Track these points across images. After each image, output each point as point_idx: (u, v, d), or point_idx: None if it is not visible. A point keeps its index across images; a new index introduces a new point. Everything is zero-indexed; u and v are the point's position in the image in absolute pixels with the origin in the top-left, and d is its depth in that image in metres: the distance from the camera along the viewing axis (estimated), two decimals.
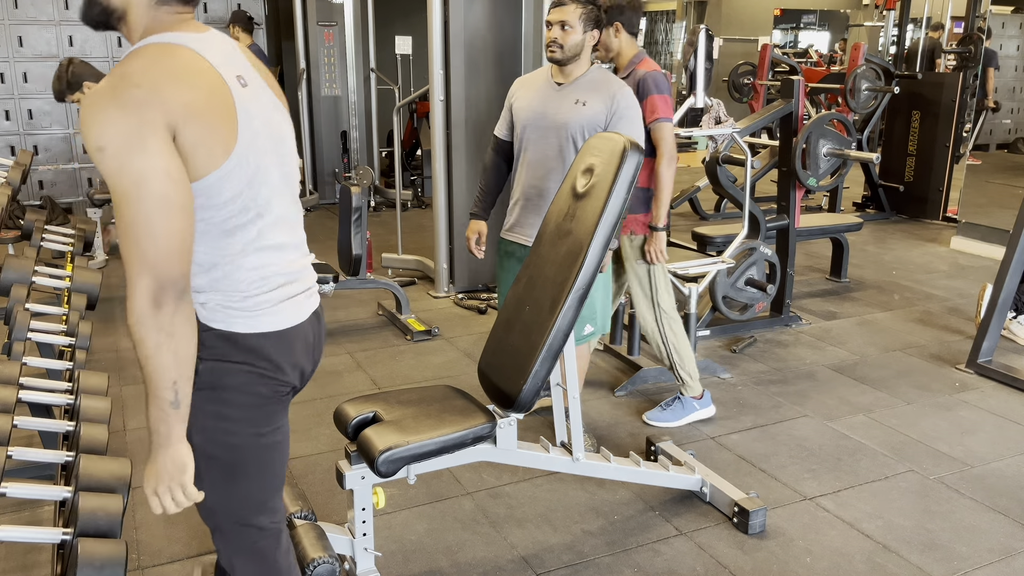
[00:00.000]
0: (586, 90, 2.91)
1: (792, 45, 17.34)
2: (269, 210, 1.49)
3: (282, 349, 1.52)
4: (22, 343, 3.10)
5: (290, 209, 1.55)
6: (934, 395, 3.75)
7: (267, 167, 1.47)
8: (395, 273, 5.54)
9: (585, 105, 2.88)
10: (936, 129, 7.12)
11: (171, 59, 1.37)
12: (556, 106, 2.92)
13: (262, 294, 1.49)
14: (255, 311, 1.49)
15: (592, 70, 2.95)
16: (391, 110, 6.36)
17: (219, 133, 1.37)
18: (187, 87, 1.34)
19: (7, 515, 2.72)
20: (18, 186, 4.76)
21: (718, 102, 8.05)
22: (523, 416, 2.44)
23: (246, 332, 1.48)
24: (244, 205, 1.44)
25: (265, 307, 1.49)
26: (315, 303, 1.62)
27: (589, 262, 2.31)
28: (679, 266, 3.98)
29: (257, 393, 1.51)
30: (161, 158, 1.29)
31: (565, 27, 2.83)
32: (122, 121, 1.28)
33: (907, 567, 2.51)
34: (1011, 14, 6.90)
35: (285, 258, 1.53)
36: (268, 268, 1.50)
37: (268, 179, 1.48)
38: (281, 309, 1.51)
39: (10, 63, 7.03)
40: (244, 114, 1.42)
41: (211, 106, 1.37)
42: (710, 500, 2.81)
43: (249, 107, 1.43)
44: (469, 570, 2.49)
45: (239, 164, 1.41)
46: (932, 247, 6.47)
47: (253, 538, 1.64)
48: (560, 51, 2.86)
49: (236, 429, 1.52)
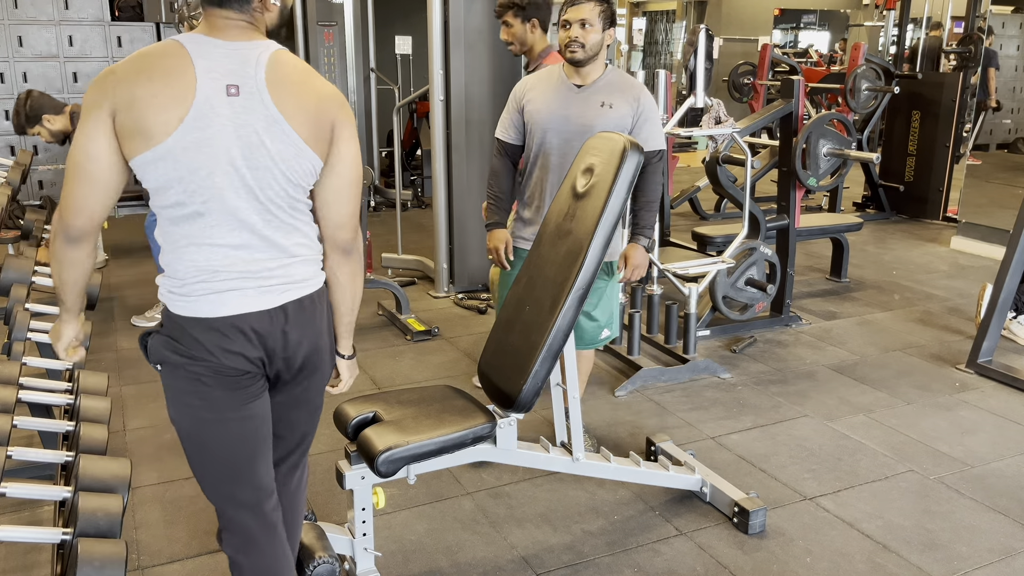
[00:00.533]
0: (610, 92, 2.83)
1: (792, 45, 17.35)
2: (211, 211, 1.62)
3: (211, 335, 1.66)
4: (22, 343, 3.10)
5: (251, 216, 1.64)
6: (934, 395, 3.75)
7: (212, 171, 1.59)
8: (395, 273, 5.54)
9: (612, 108, 2.81)
10: (936, 129, 7.12)
11: (154, 55, 1.58)
12: (580, 109, 2.83)
13: (198, 283, 1.65)
14: (190, 296, 1.65)
15: (609, 71, 2.88)
16: (391, 110, 6.36)
17: (154, 127, 1.54)
18: (144, 81, 1.54)
19: (7, 515, 2.72)
20: (18, 186, 4.76)
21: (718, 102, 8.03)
22: (523, 416, 2.44)
23: (182, 314, 1.66)
24: (179, 200, 1.61)
25: (200, 295, 1.65)
26: (275, 299, 1.69)
27: (589, 262, 2.31)
28: (679, 266, 3.99)
29: (195, 373, 1.68)
30: (85, 135, 1.56)
31: (585, 25, 2.74)
32: (87, 98, 1.58)
33: (907, 567, 2.51)
34: (1011, 14, 6.90)
35: (236, 256, 1.65)
36: (209, 263, 1.64)
37: (211, 183, 1.60)
38: (216, 300, 1.65)
39: (10, 63, 7.03)
40: (198, 119, 1.55)
41: (159, 103, 1.54)
42: (710, 500, 2.81)
43: (217, 114, 1.57)
44: (469, 570, 2.49)
45: (162, 159, 1.56)
46: (932, 247, 6.47)
47: (230, 513, 1.80)
48: (582, 50, 2.76)
49: (188, 402, 1.71)
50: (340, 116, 1.70)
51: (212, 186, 1.60)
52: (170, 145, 1.55)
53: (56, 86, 7.18)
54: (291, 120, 1.63)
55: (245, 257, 1.66)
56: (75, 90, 7.24)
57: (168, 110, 1.54)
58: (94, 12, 7.23)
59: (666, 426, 3.42)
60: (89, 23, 7.22)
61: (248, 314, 1.67)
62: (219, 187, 1.61)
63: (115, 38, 7.33)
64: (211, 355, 1.67)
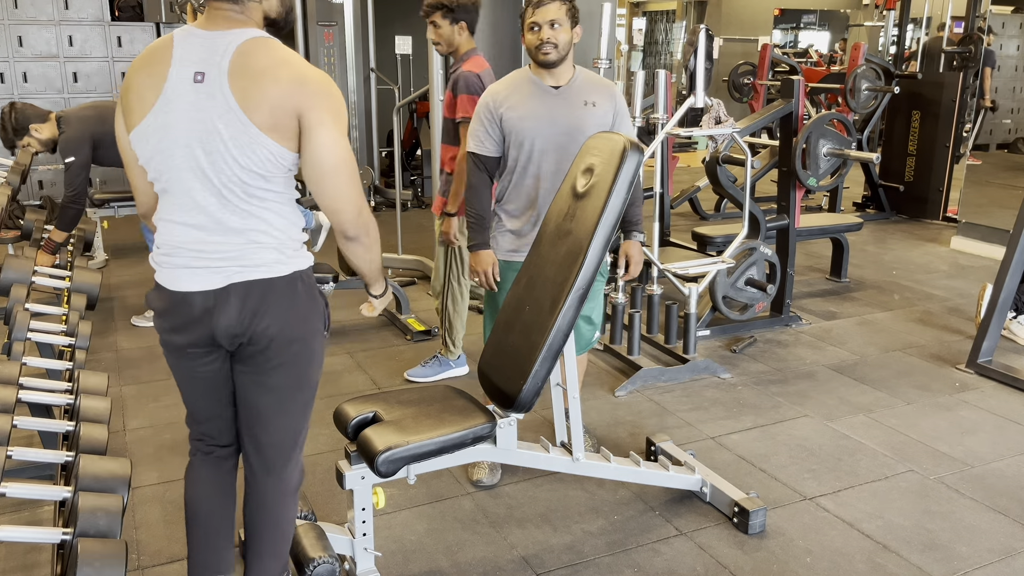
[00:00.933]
0: (590, 91, 2.80)
1: (792, 45, 17.35)
2: (173, 190, 1.77)
3: (164, 303, 1.85)
4: (22, 343, 3.09)
5: (207, 198, 1.75)
6: (934, 395, 3.75)
7: (172, 152, 1.73)
8: (395, 273, 5.54)
9: (595, 106, 2.79)
10: (936, 129, 7.12)
11: (151, 46, 1.80)
12: (566, 111, 2.78)
13: (163, 256, 1.83)
14: (160, 267, 1.84)
15: (580, 70, 2.85)
16: (391, 110, 6.36)
17: (138, 109, 1.74)
18: (140, 68, 1.77)
19: (7, 515, 2.72)
20: (18, 186, 4.76)
21: (718, 102, 8.03)
22: (523, 416, 2.44)
23: (156, 279, 1.86)
24: (154, 176, 1.79)
25: (165, 267, 1.83)
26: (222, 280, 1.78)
27: (589, 262, 2.31)
28: (679, 266, 3.98)
29: (162, 327, 1.89)
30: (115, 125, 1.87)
31: (555, 25, 2.68)
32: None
33: (907, 567, 2.51)
34: (1011, 14, 6.90)
35: (192, 235, 1.78)
36: (167, 236, 1.81)
37: (172, 163, 1.74)
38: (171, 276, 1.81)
39: (10, 63, 7.03)
40: (164, 103, 1.71)
41: (143, 88, 1.74)
42: (710, 500, 2.81)
43: (181, 99, 1.70)
44: (469, 570, 2.49)
45: (140, 137, 1.75)
46: (932, 247, 6.47)
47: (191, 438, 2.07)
48: (555, 51, 2.70)
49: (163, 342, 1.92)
50: (310, 104, 1.70)
51: (173, 167, 1.74)
52: (144, 126, 1.73)
53: (56, 86, 7.18)
54: (247, 108, 1.68)
55: (200, 237, 1.77)
56: (75, 90, 7.24)
57: (147, 94, 1.73)
58: (94, 12, 7.24)
59: (666, 426, 3.42)
60: (89, 23, 7.23)
61: (195, 292, 1.78)
62: (178, 168, 1.74)
63: (115, 38, 7.33)
64: (160, 318, 1.88)
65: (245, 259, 1.78)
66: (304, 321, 1.87)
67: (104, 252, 5.73)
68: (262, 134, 1.69)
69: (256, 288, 1.78)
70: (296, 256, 1.84)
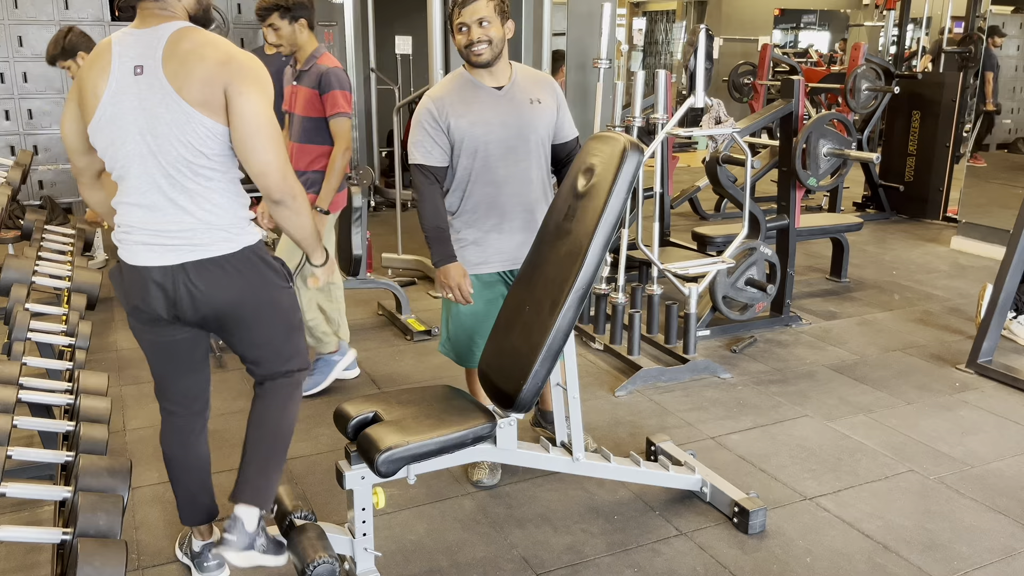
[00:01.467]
0: (531, 88, 2.72)
1: (792, 45, 17.35)
2: (127, 175, 1.96)
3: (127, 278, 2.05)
4: (22, 343, 3.10)
5: (158, 180, 1.94)
6: (934, 395, 3.75)
7: (124, 141, 1.92)
8: (395, 273, 5.54)
9: (541, 103, 2.71)
10: (936, 129, 7.11)
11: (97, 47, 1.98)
12: (514, 113, 2.69)
13: (122, 234, 2.02)
14: (120, 244, 2.04)
15: (517, 66, 2.74)
16: (391, 110, 6.36)
17: (91, 104, 1.93)
18: (87, 68, 1.95)
19: (7, 515, 2.72)
20: (18, 186, 4.76)
21: (718, 102, 8.03)
22: (523, 416, 2.44)
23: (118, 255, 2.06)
24: (111, 165, 1.98)
25: (124, 245, 2.03)
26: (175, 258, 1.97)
27: (589, 262, 2.30)
28: (679, 266, 3.98)
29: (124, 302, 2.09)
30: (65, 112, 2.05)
31: (483, 23, 2.58)
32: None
33: (907, 567, 2.50)
34: (1011, 14, 6.90)
35: (147, 216, 1.96)
36: (126, 217, 2.00)
37: (125, 151, 1.93)
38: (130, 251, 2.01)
39: (10, 63, 7.03)
40: (111, 97, 1.90)
41: (90, 86, 1.92)
42: (710, 500, 2.81)
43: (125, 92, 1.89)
44: (469, 570, 2.49)
45: (95, 130, 1.94)
46: (932, 247, 6.47)
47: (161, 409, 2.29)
48: (488, 49, 2.60)
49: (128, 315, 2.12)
50: (235, 78, 1.88)
51: (126, 154, 1.93)
52: (97, 119, 1.92)
53: (56, 86, 7.18)
54: (181, 90, 1.87)
55: (155, 218, 1.96)
56: None
57: (96, 91, 1.91)
58: (94, 12, 7.23)
59: (666, 426, 3.42)
60: (89, 23, 7.22)
61: (151, 267, 1.98)
62: (131, 155, 1.92)
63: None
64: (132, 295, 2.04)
65: (196, 239, 1.96)
66: (263, 288, 2.07)
67: (104, 252, 5.73)
68: (194, 111, 1.87)
69: (209, 265, 1.97)
70: (243, 233, 2.02)
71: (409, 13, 8.31)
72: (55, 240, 4.48)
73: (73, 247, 4.57)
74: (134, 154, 1.92)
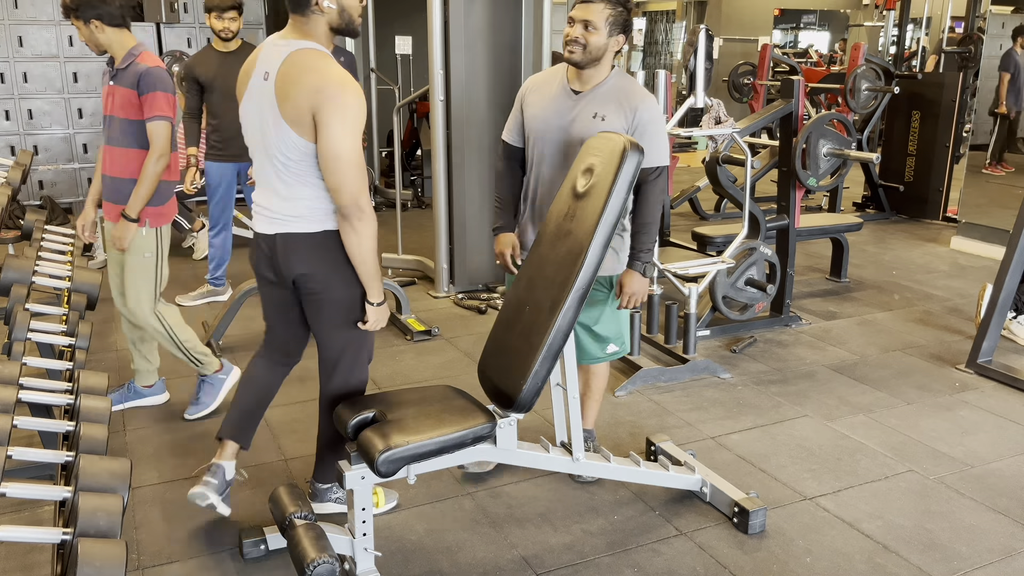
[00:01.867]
0: (605, 102, 2.65)
1: (792, 45, 17.36)
2: (254, 158, 2.40)
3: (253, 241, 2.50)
4: (22, 343, 3.09)
5: (267, 165, 2.34)
6: (934, 395, 3.75)
7: (251, 132, 2.35)
8: (395, 273, 5.53)
9: (604, 120, 2.63)
10: (936, 129, 7.11)
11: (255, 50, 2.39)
12: (572, 120, 2.68)
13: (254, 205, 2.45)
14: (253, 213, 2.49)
15: (612, 76, 2.68)
16: (391, 110, 6.36)
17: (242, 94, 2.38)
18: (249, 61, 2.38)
19: (7, 515, 2.72)
20: (18, 186, 4.76)
21: (718, 102, 8.04)
22: (522, 416, 2.44)
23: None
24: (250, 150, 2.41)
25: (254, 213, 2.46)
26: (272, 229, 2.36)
27: (589, 262, 2.31)
28: (679, 266, 3.98)
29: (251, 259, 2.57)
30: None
31: (589, 27, 2.57)
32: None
33: (907, 567, 2.51)
34: (1011, 14, 6.89)
35: (262, 193, 2.40)
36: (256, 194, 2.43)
37: (252, 140, 2.37)
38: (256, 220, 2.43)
39: (10, 63, 7.03)
40: (248, 94, 2.34)
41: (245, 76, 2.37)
42: (710, 500, 2.81)
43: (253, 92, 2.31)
44: (469, 570, 2.49)
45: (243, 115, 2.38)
46: (932, 247, 6.47)
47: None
48: (581, 51, 2.59)
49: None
50: (322, 107, 2.17)
51: (252, 142, 2.37)
52: (243, 108, 2.36)
53: (56, 86, 7.18)
54: (281, 105, 2.21)
55: (265, 195, 2.38)
56: (75, 90, 7.24)
57: (246, 84, 2.35)
58: None
59: (666, 426, 3.42)
60: None
61: (261, 234, 2.41)
62: (254, 143, 2.37)
63: None
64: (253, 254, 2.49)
65: (286, 216, 2.33)
66: (333, 270, 2.34)
67: (104, 252, 5.72)
68: (287, 126, 2.22)
69: (290, 239, 2.33)
70: (324, 221, 2.32)
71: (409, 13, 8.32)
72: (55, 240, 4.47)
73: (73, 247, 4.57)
74: (255, 143, 2.35)
